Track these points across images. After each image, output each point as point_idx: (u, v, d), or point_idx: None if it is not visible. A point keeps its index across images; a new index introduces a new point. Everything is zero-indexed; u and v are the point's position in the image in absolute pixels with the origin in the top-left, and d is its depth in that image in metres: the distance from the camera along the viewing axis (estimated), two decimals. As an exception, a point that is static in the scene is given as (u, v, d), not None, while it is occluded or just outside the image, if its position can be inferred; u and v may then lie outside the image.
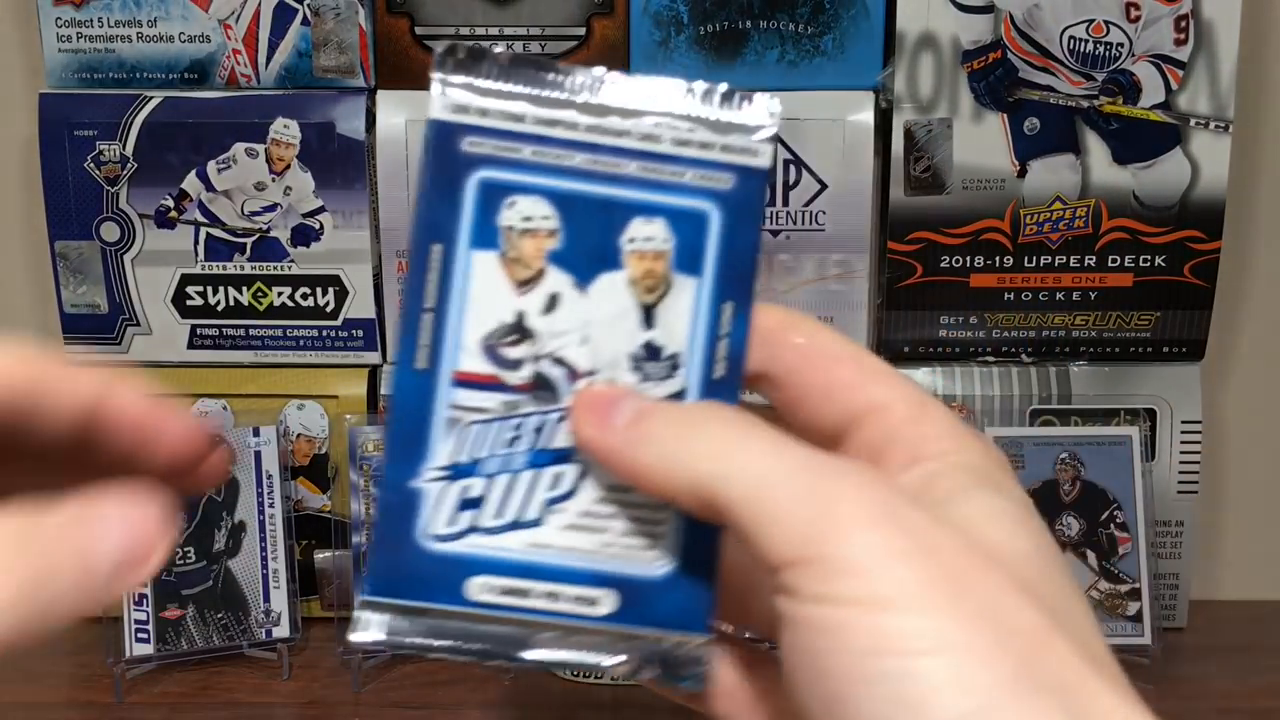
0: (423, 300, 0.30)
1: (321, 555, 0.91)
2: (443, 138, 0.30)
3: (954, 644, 0.26)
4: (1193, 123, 0.86)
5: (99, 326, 0.90)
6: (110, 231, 0.89)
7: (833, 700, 0.27)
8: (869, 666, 0.27)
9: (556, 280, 0.31)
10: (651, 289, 0.31)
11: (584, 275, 0.31)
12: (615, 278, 0.31)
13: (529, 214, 0.31)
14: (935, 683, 0.26)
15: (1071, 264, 0.88)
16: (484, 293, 0.30)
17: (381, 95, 0.87)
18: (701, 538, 0.31)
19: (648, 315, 0.31)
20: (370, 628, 0.29)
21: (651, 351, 0.31)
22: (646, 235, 0.31)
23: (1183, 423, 0.90)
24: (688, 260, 0.31)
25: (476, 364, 0.30)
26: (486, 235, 0.30)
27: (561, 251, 0.31)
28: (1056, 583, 0.29)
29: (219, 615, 0.86)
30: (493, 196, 0.31)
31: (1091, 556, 0.87)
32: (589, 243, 0.31)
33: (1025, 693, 0.26)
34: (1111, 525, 0.87)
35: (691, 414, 0.30)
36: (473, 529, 0.30)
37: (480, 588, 0.30)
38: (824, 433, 0.32)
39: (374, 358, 0.91)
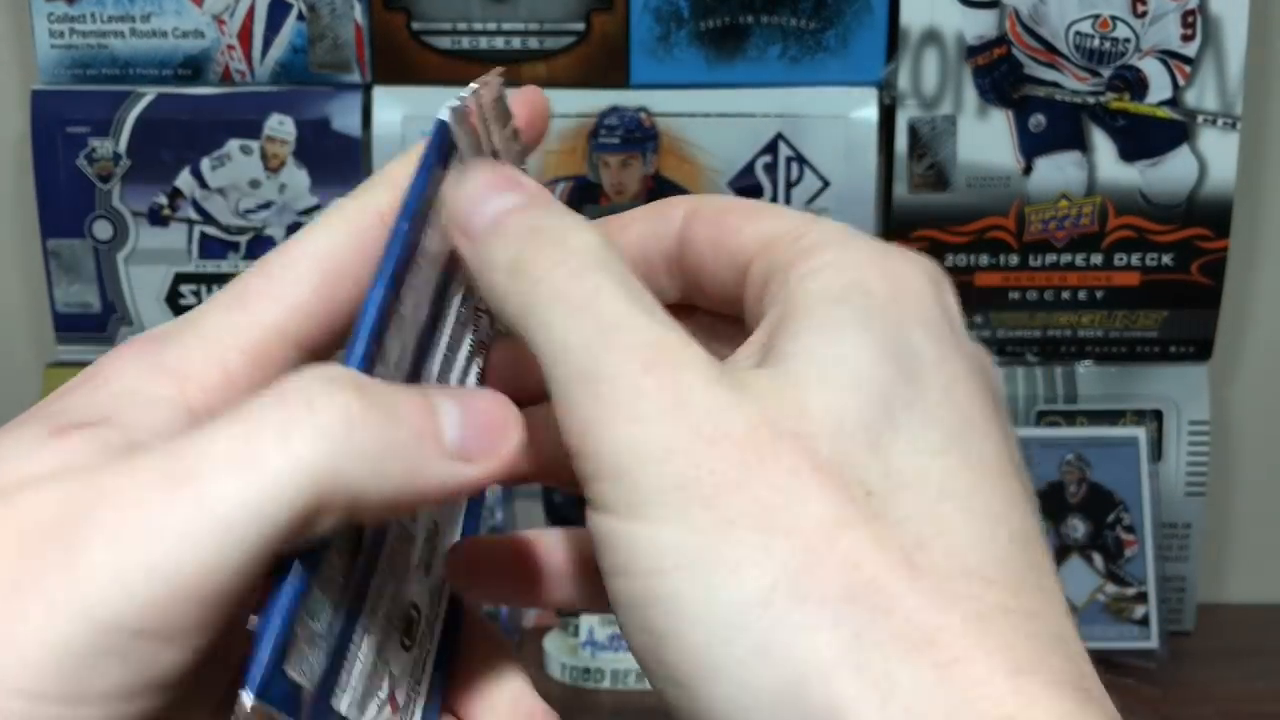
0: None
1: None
2: None
3: (703, 558, 0.22)
4: (1200, 119, 0.85)
5: (91, 326, 0.89)
6: (103, 229, 0.88)
7: (619, 619, 0.24)
8: (621, 588, 0.23)
9: None
10: None
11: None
12: None
13: None
14: (680, 606, 0.22)
15: (1077, 263, 0.87)
16: None
17: (377, 91, 0.86)
18: None
19: None
20: None
21: None
22: None
23: (1190, 423, 0.89)
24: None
25: None
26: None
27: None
28: (894, 447, 0.23)
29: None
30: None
31: (1098, 559, 0.86)
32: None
33: (788, 607, 0.21)
34: (1118, 527, 0.86)
35: (542, 236, 0.26)
36: None
37: None
38: (727, 296, 0.28)
39: (370, 358, 0.90)
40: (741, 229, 0.27)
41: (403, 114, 0.86)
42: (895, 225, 0.87)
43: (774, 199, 0.86)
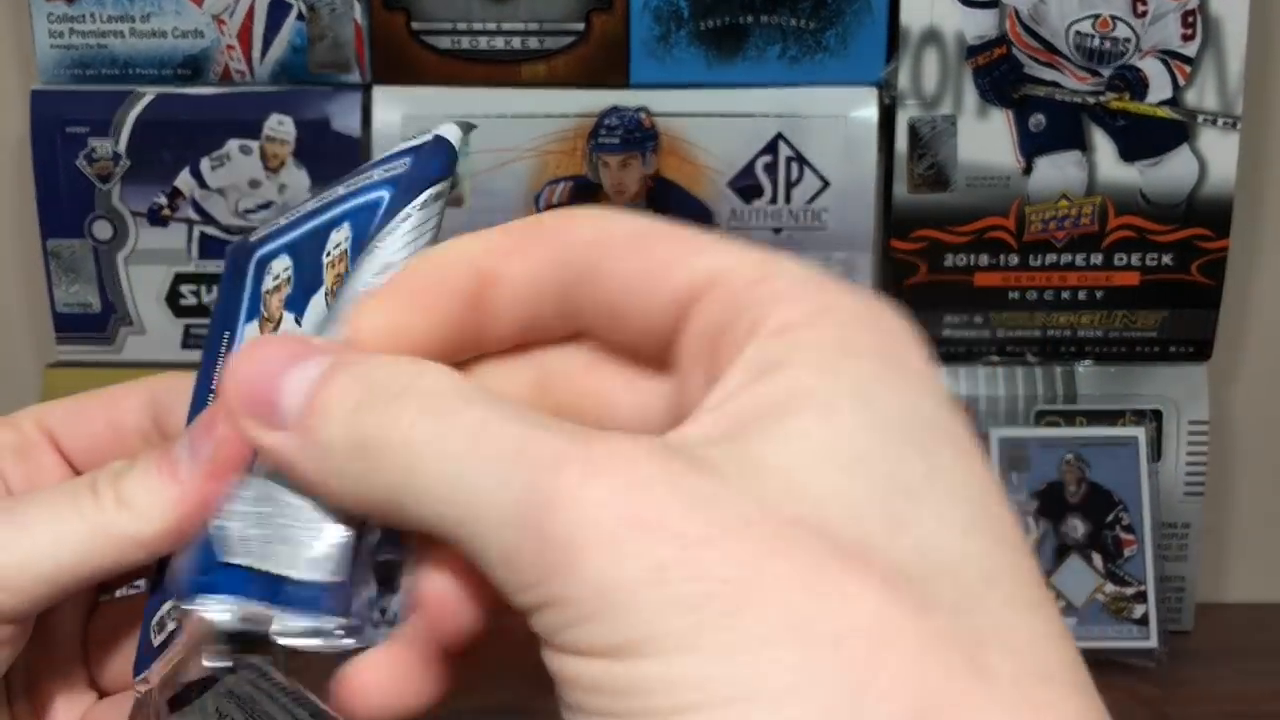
0: (210, 383, 0.31)
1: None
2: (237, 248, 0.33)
3: (739, 690, 0.18)
4: (1200, 119, 0.85)
5: (91, 326, 0.89)
6: (103, 230, 0.88)
7: None
8: None
9: (285, 324, 0.30)
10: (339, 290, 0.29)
11: (300, 307, 0.30)
12: (318, 296, 0.29)
13: (275, 272, 0.31)
14: None
15: (1077, 263, 0.87)
16: None
17: (377, 91, 0.86)
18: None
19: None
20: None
21: None
22: (336, 243, 0.29)
23: (1190, 423, 0.89)
24: (356, 249, 0.28)
25: None
26: (254, 308, 0.31)
27: (291, 294, 0.30)
28: (920, 526, 0.19)
29: (213, 618, 0.85)
30: (260, 271, 0.32)
31: (1097, 559, 0.86)
32: (305, 275, 0.30)
33: None
34: (1117, 527, 0.86)
35: (377, 394, 0.22)
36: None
37: None
38: (653, 344, 0.23)
39: (370, 357, 0.90)
40: (678, 262, 0.23)
41: (402, 114, 0.86)
42: (895, 225, 0.87)
43: (774, 199, 0.86)
